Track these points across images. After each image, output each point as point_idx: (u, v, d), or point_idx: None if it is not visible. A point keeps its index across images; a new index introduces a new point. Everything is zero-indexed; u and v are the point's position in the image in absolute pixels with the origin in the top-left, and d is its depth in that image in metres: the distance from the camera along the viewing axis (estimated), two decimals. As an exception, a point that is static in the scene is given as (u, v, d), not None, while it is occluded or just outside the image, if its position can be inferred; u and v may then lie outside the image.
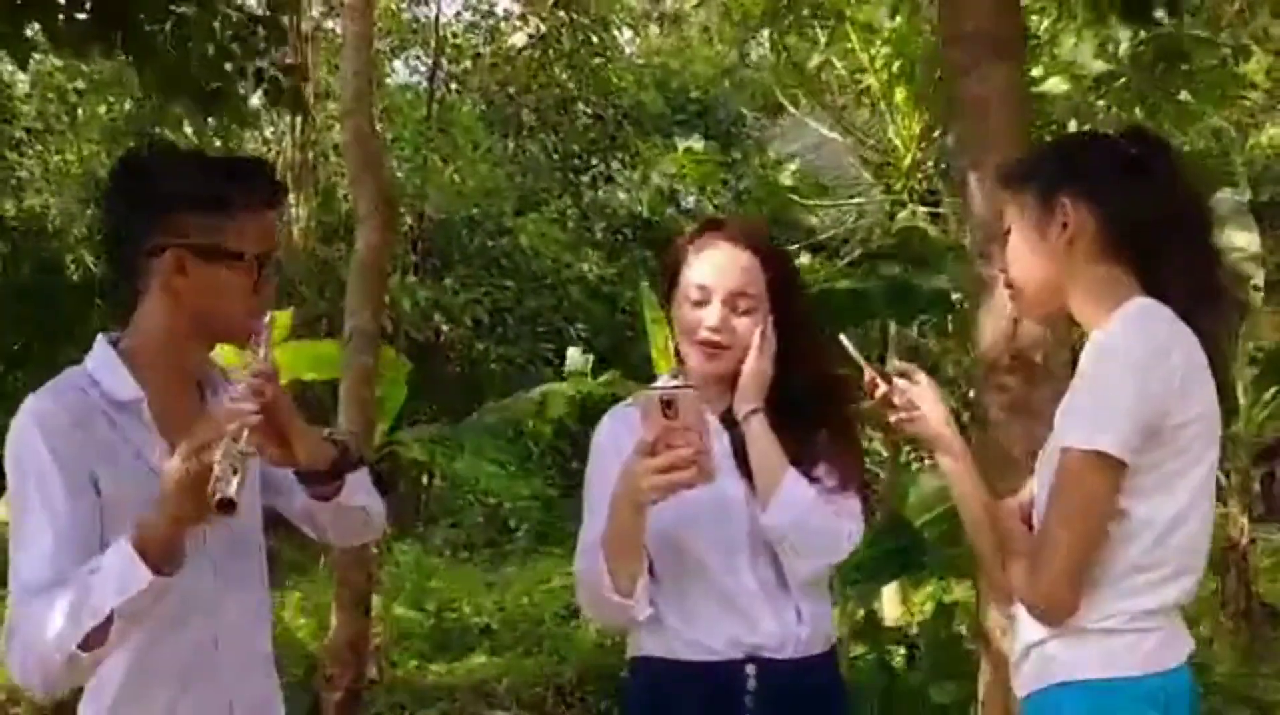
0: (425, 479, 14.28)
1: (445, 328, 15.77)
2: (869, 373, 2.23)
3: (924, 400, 2.22)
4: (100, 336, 2.02)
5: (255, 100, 5.95)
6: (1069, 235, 2.00)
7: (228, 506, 1.70)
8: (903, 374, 2.26)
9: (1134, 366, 1.88)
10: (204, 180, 1.98)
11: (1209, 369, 1.96)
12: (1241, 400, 9.00)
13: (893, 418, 2.23)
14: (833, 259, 10.98)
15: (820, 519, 2.16)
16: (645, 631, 2.24)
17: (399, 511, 12.72)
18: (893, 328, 9.40)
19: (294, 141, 16.16)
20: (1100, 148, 2.08)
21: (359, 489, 2.11)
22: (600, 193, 18.04)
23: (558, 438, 14.74)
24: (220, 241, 1.96)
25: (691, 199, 16.64)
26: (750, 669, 2.19)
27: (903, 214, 9.04)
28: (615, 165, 17.90)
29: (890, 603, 9.60)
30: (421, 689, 7.36)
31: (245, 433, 1.76)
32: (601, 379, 9.14)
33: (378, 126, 7.05)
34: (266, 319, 2.01)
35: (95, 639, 1.77)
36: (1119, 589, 1.92)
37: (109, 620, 1.76)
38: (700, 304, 2.23)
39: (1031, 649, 2.02)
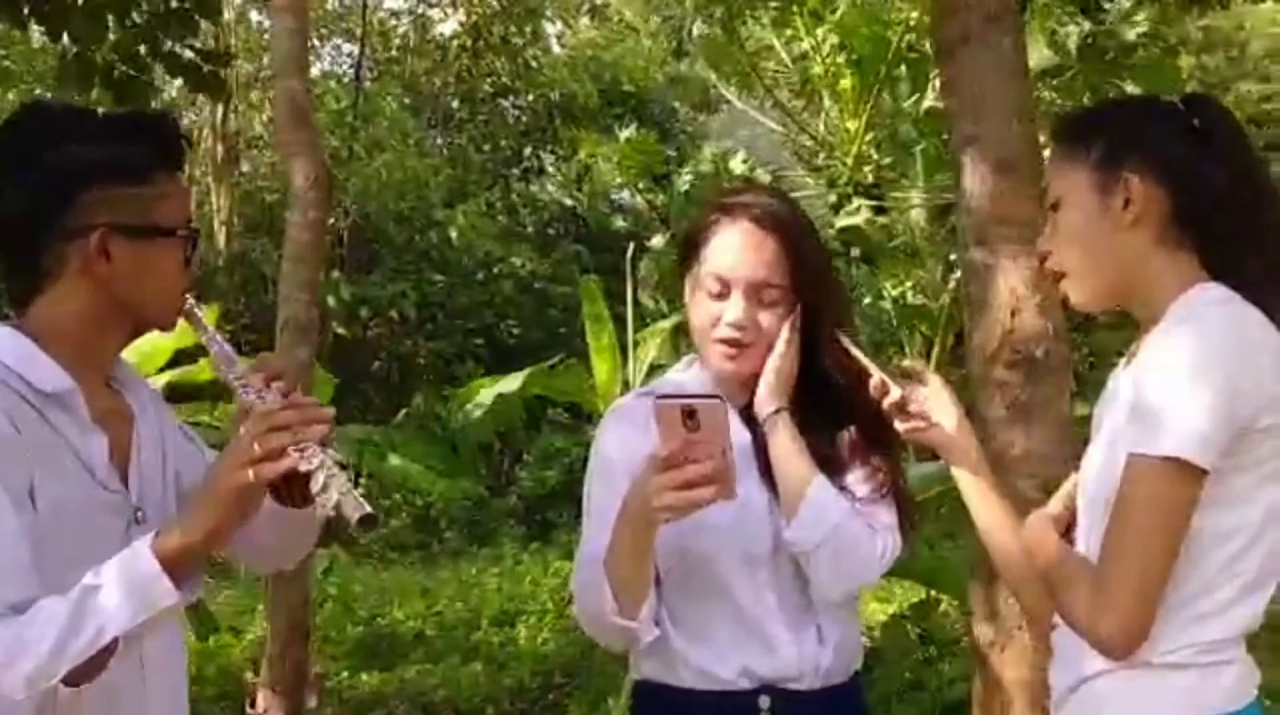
0: (351, 479, 13.93)
1: (372, 323, 15.45)
2: (877, 376, 1.98)
3: (938, 406, 1.98)
4: None
5: (171, 90, 5.63)
6: (1134, 214, 1.75)
7: (371, 522, 1.53)
8: (910, 375, 2.01)
9: (1218, 360, 1.62)
10: (119, 145, 1.71)
11: None
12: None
13: (904, 426, 1.99)
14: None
15: (852, 534, 1.91)
16: (648, 654, 1.99)
17: (325, 513, 12.34)
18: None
19: (215, 131, 15.74)
20: (1163, 114, 1.82)
21: None
22: (531, 185, 17.80)
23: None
24: (148, 215, 1.71)
25: (625, 194, 16.44)
26: (764, 701, 1.95)
27: (848, 208, 8.85)
28: (547, 158, 17.67)
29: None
30: (354, 701, 7.05)
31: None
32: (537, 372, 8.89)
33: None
34: (191, 301, 1.79)
35: (87, 670, 1.52)
36: (1185, 616, 1.67)
37: (109, 648, 1.52)
38: (719, 296, 1.97)
39: (1079, 686, 1.76)
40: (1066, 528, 1.85)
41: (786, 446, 1.93)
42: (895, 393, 1.96)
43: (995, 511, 1.94)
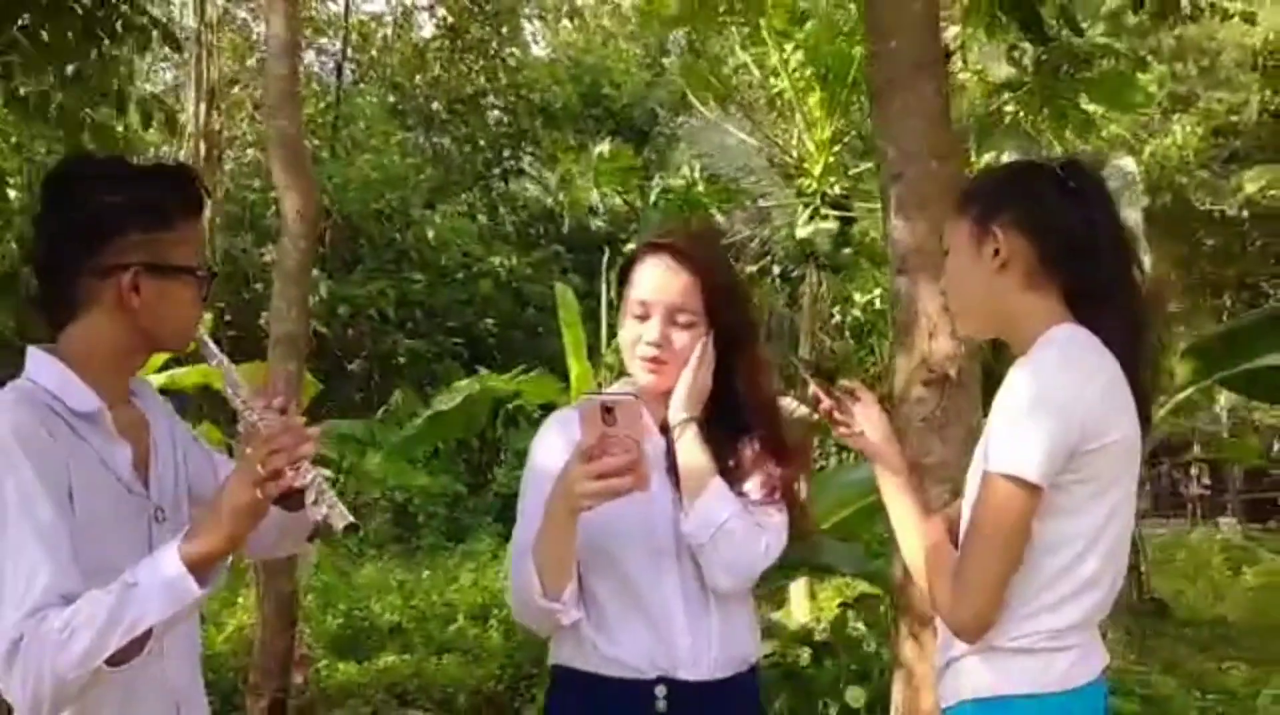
0: (335, 485, 14.10)
1: (352, 322, 15.63)
2: (813, 388, 2.31)
3: (867, 417, 2.30)
4: (35, 350, 1.99)
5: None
6: (1000, 261, 2.06)
7: (354, 530, 1.84)
8: (849, 391, 2.33)
9: (1056, 393, 1.94)
10: (148, 193, 1.97)
11: (1131, 393, 2.02)
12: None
13: (836, 432, 2.33)
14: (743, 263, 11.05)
15: (739, 529, 2.18)
16: (564, 640, 2.25)
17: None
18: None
19: (198, 130, 15.89)
20: (1036, 176, 2.14)
21: None
22: (511, 186, 17.99)
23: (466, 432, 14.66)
24: (172, 257, 1.97)
25: (597, 197, 16.67)
26: (660, 690, 2.19)
27: (804, 214, 9.12)
28: (527, 159, 17.86)
29: (798, 602, 9.73)
30: (333, 689, 7.29)
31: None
32: (515, 375, 9.11)
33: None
34: (202, 331, 2.05)
35: (126, 653, 1.76)
36: (1031, 608, 1.99)
37: (146, 635, 1.77)
38: (642, 318, 2.26)
39: (950, 664, 2.09)
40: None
41: (691, 451, 2.21)
42: (827, 402, 2.30)
43: (907, 511, 2.24)
